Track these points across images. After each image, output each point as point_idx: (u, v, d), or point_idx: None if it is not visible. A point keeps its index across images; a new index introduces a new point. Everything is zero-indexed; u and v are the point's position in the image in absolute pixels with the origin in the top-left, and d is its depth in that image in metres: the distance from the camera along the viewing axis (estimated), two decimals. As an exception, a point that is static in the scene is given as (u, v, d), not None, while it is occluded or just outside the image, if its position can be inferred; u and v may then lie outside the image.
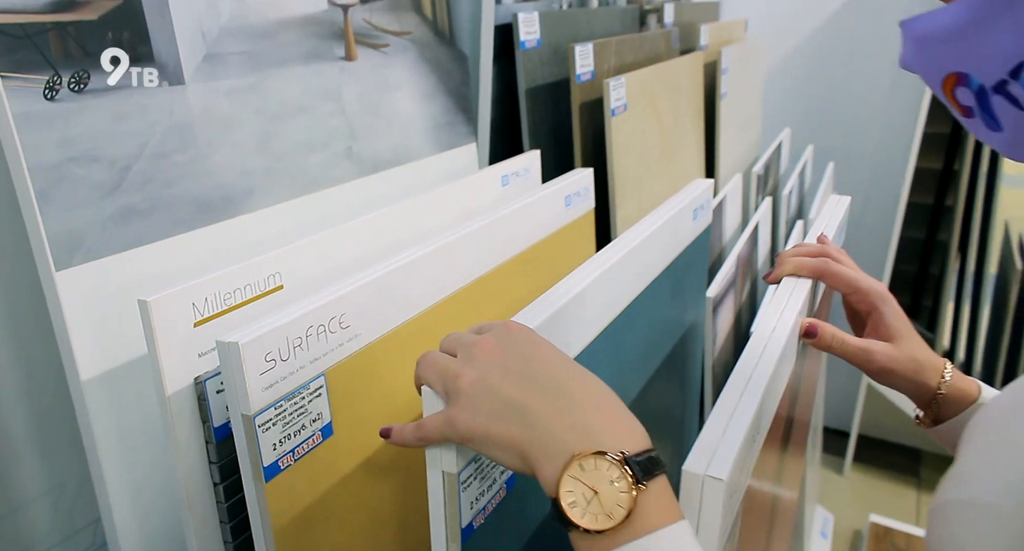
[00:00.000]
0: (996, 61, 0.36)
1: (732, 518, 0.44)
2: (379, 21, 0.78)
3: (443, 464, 0.42)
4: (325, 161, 0.72)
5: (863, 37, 2.03)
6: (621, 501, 0.36)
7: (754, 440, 0.47)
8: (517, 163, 0.90)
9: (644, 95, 1.10)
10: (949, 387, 0.60)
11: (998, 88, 0.37)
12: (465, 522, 0.44)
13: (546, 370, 0.40)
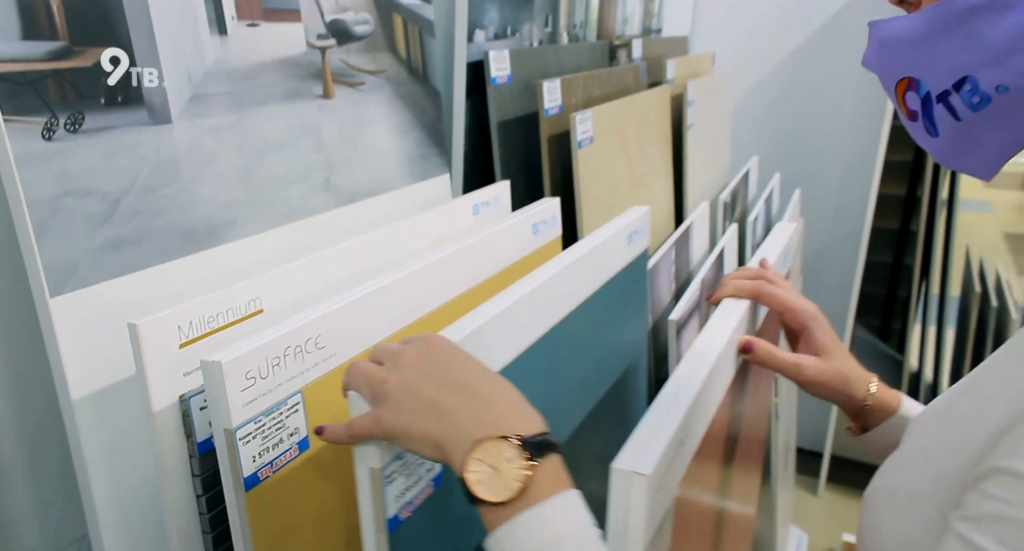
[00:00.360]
0: (943, 72, 0.41)
1: (659, 517, 0.48)
2: (355, 61, 0.83)
3: (368, 461, 0.47)
4: (304, 192, 0.77)
5: (827, 70, 2.11)
6: (517, 476, 0.41)
7: (682, 443, 0.52)
8: (488, 193, 0.95)
9: (611, 127, 1.16)
10: (874, 399, 0.66)
11: (941, 97, 0.42)
12: (391, 514, 0.48)
13: (459, 374, 0.46)
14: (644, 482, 0.45)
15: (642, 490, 0.45)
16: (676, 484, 0.52)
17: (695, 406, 0.54)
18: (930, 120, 0.43)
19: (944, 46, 0.41)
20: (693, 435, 0.55)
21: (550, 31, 1.28)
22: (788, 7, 2.11)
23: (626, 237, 0.83)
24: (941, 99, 0.42)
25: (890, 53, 0.44)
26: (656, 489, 0.46)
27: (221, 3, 0.67)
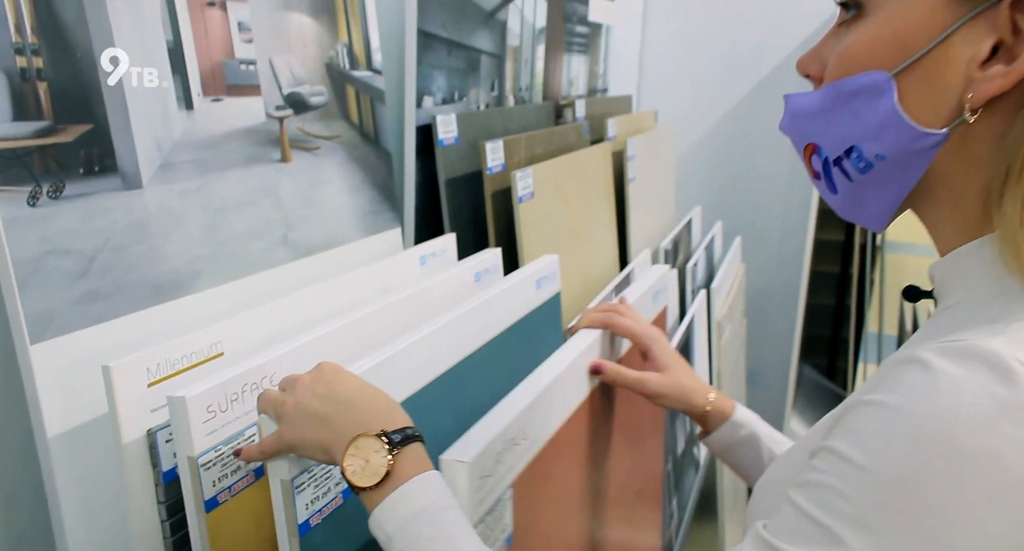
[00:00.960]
0: (836, 141, 0.49)
1: (490, 502, 0.57)
2: (311, 128, 0.92)
3: (279, 473, 0.55)
4: (264, 247, 0.84)
5: (764, 124, 2.26)
6: (382, 463, 0.51)
7: (515, 442, 0.60)
8: (435, 244, 1.03)
9: (552, 182, 1.26)
10: (712, 406, 0.77)
11: (836, 162, 0.50)
12: (301, 520, 0.56)
13: (341, 390, 0.55)
14: (465, 469, 0.55)
15: (463, 476, 0.55)
16: (511, 477, 0.61)
17: (529, 411, 0.64)
18: (830, 180, 0.51)
19: (836, 120, 0.48)
20: (531, 438, 0.64)
21: (496, 95, 1.39)
22: (726, 68, 2.27)
23: (534, 283, 0.92)
24: (836, 163, 0.49)
25: (798, 122, 0.52)
26: (479, 475, 0.55)
27: (188, 82, 0.75)
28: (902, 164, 0.46)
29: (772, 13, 2.17)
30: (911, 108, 0.45)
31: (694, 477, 1.42)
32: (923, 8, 0.43)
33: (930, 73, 0.44)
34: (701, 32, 2.27)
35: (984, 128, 0.44)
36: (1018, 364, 0.38)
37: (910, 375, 0.40)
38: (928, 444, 0.37)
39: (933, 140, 0.45)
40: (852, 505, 0.39)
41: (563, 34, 1.66)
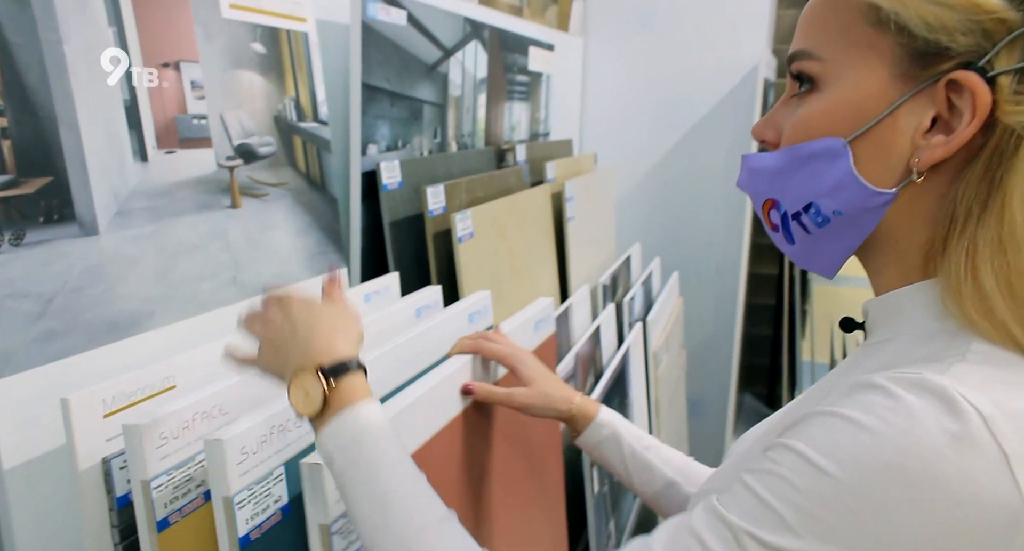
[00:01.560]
0: (796, 198, 0.54)
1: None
2: (260, 176, 0.99)
3: (222, 491, 0.61)
4: (214, 287, 0.90)
5: (697, 167, 2.39)
6: (318, 394, 0.59)
7: None
8: (378, 283, 1.10)
9: (491, 223, 1.34)
10: (577, 409, 0.85)
11: (795, 216, 0.55)
12: (242, 533, 0.61)
13: (300, 321, 0.64)
14: (320, 470, 0.62)
15: (320, 477, 0.62)
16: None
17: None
18: (788, 232, 0.55)
19: (796, 179, 0.53)
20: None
21: (439, 141, 1.48)
22: (661, 115, 2.40)
23: (467, 317, 0.99)
24: (795, 217, 0.54)
25: (757, 180, 0.56)
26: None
27: (143, 137, 0.82)
28: (856, 219, 0.51)
29: (700, 67, 2.32)
30: (865, 170, 0.50)
31: (633, 500, 1.48)
32: (874, 84, 0.49)
33: (881, 140, 0.49)
34: (638, 82, 2.40)
35: (929, 187, 0.49)
36: (963, 400, 0.42)
37: (874, 398, 0.44)
38: (886, 459, 0.42)
39: (884, 198, 0.50)
40: (805, 498, 0.44)
41: (504, 83, 1.76)
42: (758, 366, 2.89)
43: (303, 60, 1.06)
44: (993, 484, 0.41)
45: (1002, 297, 0.46)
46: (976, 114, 0.46)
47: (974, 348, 0.47)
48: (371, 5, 1.17)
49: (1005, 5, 0.45)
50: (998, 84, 0.46)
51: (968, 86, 0.46)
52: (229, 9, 0.91)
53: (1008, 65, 0.45)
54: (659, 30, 2.35)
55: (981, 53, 0.46)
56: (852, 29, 0.50)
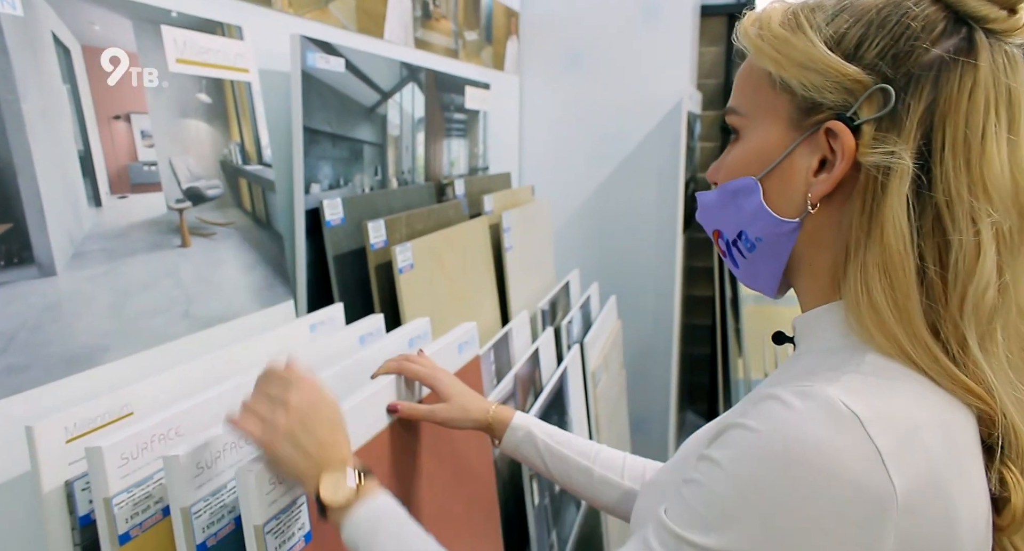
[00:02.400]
0: (730, 228, 0.66)
1: (282, 505, 0.71)
2: (208, 216, 1.05)
3: (179, 502, 0.67)
4: (166, 321, 0.96)
5: (629, 196, 2.53)
6: (350, 489, 0.68)
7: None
8: (323, 314, 1.17)
9: (430, 255, 1.42)
10: (493, 417, 0.94)
11: (733, 244, 0.66)
12: (199, 541, 0.68)
13: (320, 432, 0.71)
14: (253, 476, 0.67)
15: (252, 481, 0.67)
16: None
17: None
18: (732, 258, 0.66)
19: (728, 211, 0.64)
20: None
21: (380, 178, 1.56)
22: (595, 148, 2.53)
23: (407, 342, 1.07)
24: (734, 244, 0.65)
25: (705, 214, 0.68)
26: (268, 482, 0.69)
27: (96, 183, 0.88)
28: (774, 245, 0.61)
29: (628, 103, 2.47)
30: (772, 203, 0.60)
31: (576, 513, 1.56)
32: (774, 134, 0.60)
33: (783, 178, 0.60)
34: (572, 117, 2.53)
35: (825, 217, 0.59)
36: (843, 405, 0.49)
37: (768, 406, 0.52)
38: (776, 457, 0.49)
39: (790, 226, 0.60)
40: (716, 497, 0.51)
41: (441, 121, 1.86)
42: (699, 384, 3.02)
43: (247, 107, 1.14)
44: (868, 476, 0.48)
45: (890, 312, 0.54)
46: (845, 154, 0.56)
47: (868, 360, 0.54)
48: (310, 55, 1.26)
49: (858, 70, 0.55)
50: (862, 131, 0.55)
51: (838, 133, 0.56)
52: (176, 63, 0.99)
53: (868, 115, 0.55)
54: (589, 69, 2.49)
55: (847, 106, 0.56)
56: (760, 90, 0.61)
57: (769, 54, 0.59)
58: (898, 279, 0.54)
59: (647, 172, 2.50)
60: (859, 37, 0.56)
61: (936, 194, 0.54)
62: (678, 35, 2.40)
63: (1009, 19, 0.55)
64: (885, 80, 0.55)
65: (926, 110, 0.54)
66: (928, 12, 0.55)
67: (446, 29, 1.98)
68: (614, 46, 2.45)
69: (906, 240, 0.54)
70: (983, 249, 0.53)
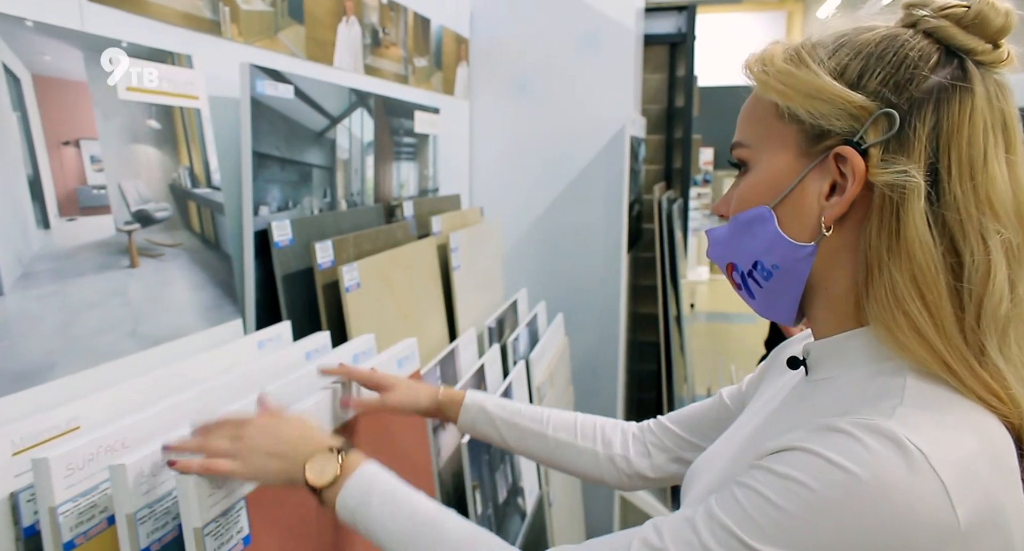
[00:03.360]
0: (745, 259, 0.66)
1: (221, 508, 0.74)
2: (156, 238, 1.09)
3: (125, 509, 0.70)
4: (113, 340, 0.99)
5: (576, 218, 2.61)
6: (334, 467, 0.74)
7: None
8: (271, 331, 1.21)
9: (377, 274, 1.47)
10: (444, 397, 1.01)
11: (748, 274, 0.66)
12: (143, 546, 0.71)
13: (287, 434, 0.77)
14: (191, 481, 0.71)
15: (191, 485, 0.71)
16: (244, 491, 0.79)
17: None
18: (748, 289, 0.67)
19: (742, 243, 0.65)
20: None
21: (329, 200, 1.61)
22: (542, 171, 2.61)
23: (352, 358, 1.12)
24: (749, 275, 0.66)
25: (717, 248, 0.69)
26: (208, 486, 0.73)
27: (45, 206, 0.91)
28: (791, 271, 0.63)
29: (574, 127, 2.56)
30: (787, 229, 0.62)
31: (520, 524, 1.61)
32: (784, 162, 0.62)
33: (796, 205, 0.62)
34: (520, 140, 2.61)
35: (841, 239, 0.61)
36: (908, 441, 0.51)
37: (840, 439, 0.52)
38: (852, 486, 0.50)
39: (807, 250, 0.62)
40: (783, 514, 0.52)
41: (391, 145, 1.91)
42: (647, 400, 3.10)
43: (196, 133, 1.18)
44: (935, 511, 0.50)
45: (929, 326, 0.56)
46: (856, 176, 0.59)
47: (910, 386, 0.56)
48: (259, 82, 1.31)
49: (863, 97, 0.59)
50: (870, 154, 0.58)
51: (848, 157, 0.59)
52: (126, 91, 1.03)
53: (875, 138, 0.58)
54: (536, 94, 2.58)
55: (854, 132, 0.59)
56: (766, 122, 0.64)
57: (775, 87, 0.62)
58: (931, 293, 0.56)
59: (593, 194, 2.58)
60: (861, 68, 0.59)
61: (947, 212, 0.56)
62: (621, 63, 2.51)
63: (994, 52, 0.59)
64: (889, 106, 0.58)
65: (931, 132, 0.57)
66: (922, 45, 0.59)
67: (396, 56, 2.04)
68: (560, 73, 2.55)
69: (933, 254, 0.56)
70: (994, 264, 0.56)
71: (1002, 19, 0.59)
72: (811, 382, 0.66)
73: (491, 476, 1.44)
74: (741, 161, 0.67)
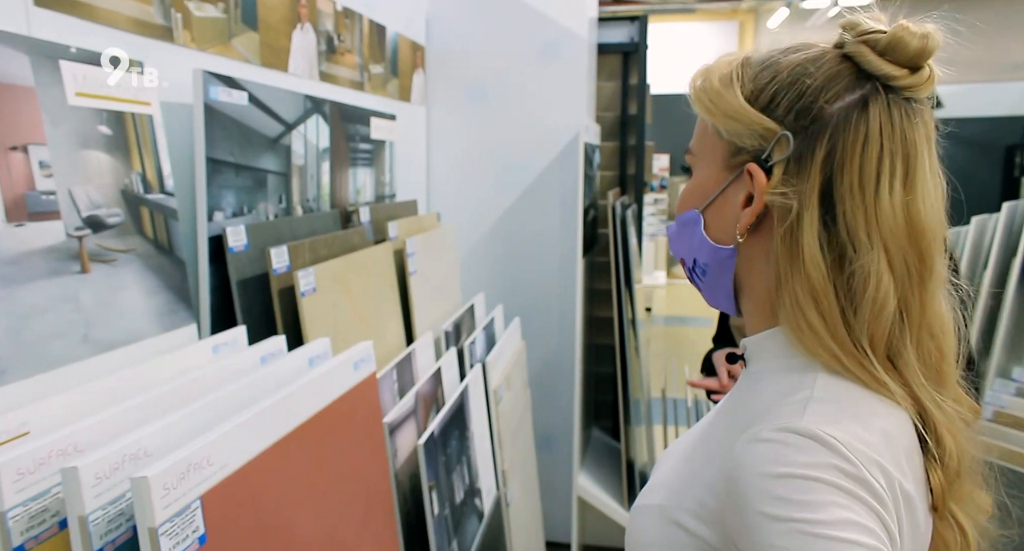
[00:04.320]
0: (688, 255, 0.74)
1: (176, 508, 0.74)
2: (108, 243, 1.09)
3: (77, 511, 0.71)
4: (65, 345, 0.99)
5: (532, 223, 2.64)
6: None
7: (199, 466, 0.78)
8: (226, 336, 1.21)
9: (333, 279, 1.48)
10: None
11: (692, 269, 0.75)
12: (96, 547, 0.72)
13: None
14: (146, 482, 0.71)
15: (146, 488, 0.70)
16: (200, 491, 0.78)
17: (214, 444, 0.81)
18: (695, 281, 0.74)
19: (683, 240, 0.73)
20: (218, 464, 0.81)
21: (284, 206, 1.61)
22: (500, 174, 2.64)
23: (307, 361, 1.13)
24: (693, 270, 0.73)
25: (672, 244, 0.76)
26: (162, 488, 0.72)
27: (-5, 211, 0.91)
28: (717, 269, 0.70)
29: (530, 134, 2.60)
30: (712, 233, 0.69)
31: (478, 524, 1.63)
32: (713, 172, 0.68)
33: (719, 211, 0.68)
34: (477, 147, 2.64)
35: (755, 246, 0.66)
36: (825, 435, 0.55)
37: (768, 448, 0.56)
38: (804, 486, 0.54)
39: (725, 253, 0.68)
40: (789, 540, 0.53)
41: (346, 151, 1.92)
42: (604, 402, 3.14)
43: (148, 139, 1.18)
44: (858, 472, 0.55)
45: (825, 331, 0.61)
46: (758, 192, 0.64)
47: (819, 383, 0.61)
48: (212, 88, 1.31)
49: (770, 120, 0.63)
50: (774, 172, 0.63)
51: (752, 173, 0.64)
52: (75, 97, 1.03)
53: (778, 157, 0.63)
54: (492, 101, 2.61)
55: (763, 150, 0.64)
56: (706, 134, 0.70)
57: (704, 104, 0.67)
58: (823, 304, 0.62)
59: (549, 200, 2.62)
60: (773, 93, 0.64)
61: (840, 232, 0.61)
62: (575, 71, 2.55)
63: (912, 76, 0.62)
64: (792, 130, 0.63)
65: (825, 158, 0.61)
66: (835, 70, 0.63)
67: (351, 63, 2.06)
68: (516, 80, 2.58)
69: (823, 271, 0.61)
70: (878, 276, 0.60)
71: (918, 43, 0.61)
72: (748, 374, 0.71)
73: (448, 477, 1.46)
74: (691, 165, 0.73)
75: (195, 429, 0.87)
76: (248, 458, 0.87)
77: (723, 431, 0.67)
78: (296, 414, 0.99)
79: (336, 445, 1.06)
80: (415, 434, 1.43)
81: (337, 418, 1.08)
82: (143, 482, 0.70)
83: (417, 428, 1.45)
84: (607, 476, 2.65)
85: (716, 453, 0.64)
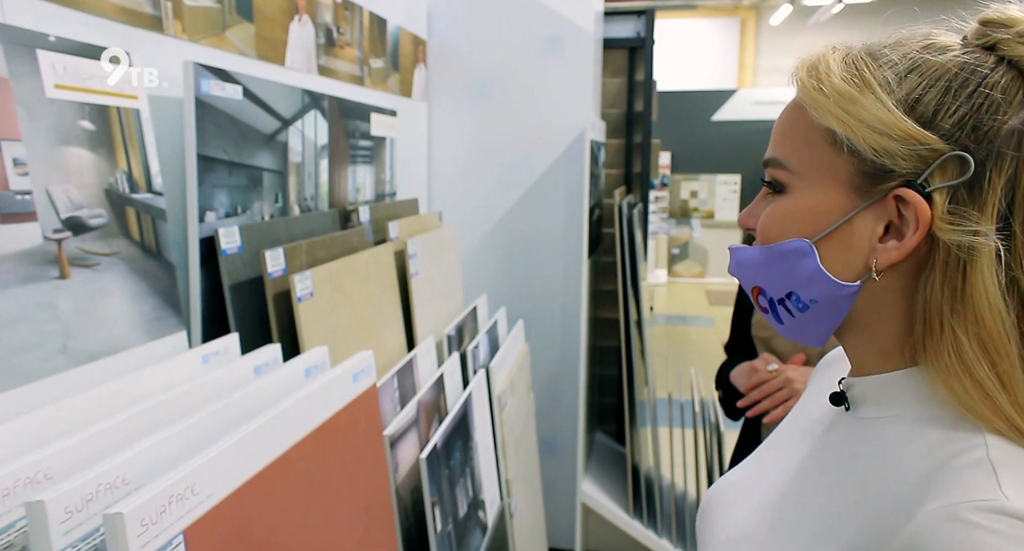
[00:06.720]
0: (778, 287, 0.60)
1: (157, 545, 0.67)
2: (90, 247, 1.02)
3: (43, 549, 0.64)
4: (40, 357, 0.92)
5: (535, 223, 2.57)
6: None
7: (182, 497, 0.72)
8: (217, 344, 1.14)
9: (331, 282, 1.41)
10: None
11: (780, 302, 0.61)
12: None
13: None
14: (121, 519, 0.63)
15: (120, 525, 0.63)
16: (183, 525, 0.71)
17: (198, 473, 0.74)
18: (776, 314, 0.62)
19: (775, 272, 0.60)
20: (203, 493, 0.74)
21: (281, 206, 1.54)
22: (504, 173, 2.57)
23: (303, 371, 1.06)
24: (780, 303, 0.61)
25: (743, 270, 0.64)
26: (139, 524, 0.65)
27: (-36, 213, 0.84)
28: (830, 306, 0.59)
29: (534, 132, 2.53)
30: (831, 267, 0.57)
31: (481, 538, 1.56)
32: (832, 195, 0.56)
33: (842, 242, 0.57)
34: (480, 144, 2.57)
35: (892, 282, 0.56)
36: None
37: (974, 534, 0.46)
38: None
39: (850, 290, 0.57)
40: None
41: (345, 148, 1.85)
42: (608, 405, 3.07)
43: (134, 135, 1.11)
44: None
45: (999, 391, 0.51)
46: (919, 225, 0.53)
47: (991, 442, 0.51)
48: (204, 82, 1.24)
49: (934, 137, 0.53)
50: (934, 201, 0.53)
51: (911, 201, 0.53)
52: (54, 89, 0.96)
53: (941, 182, 0.53)
54: (496, 97, 2.54)
55: (919, 173, 0.53)
56: (814, 146, 0.57)
57: (834, 112, 0.55)
58: (1003, 362, 0.52)
59: (553, 198, 2.55)
60: (936, 103, 0.53)
61: (1021, 274, 0.52)
62: (580, 67, 2.48)
63: None
64: (964, 149, 0.52)
65: (1007, 183, 0.52)
66: (1006, 80, 0.53)
67: (351, 56, 1.98)
68: (519, 76, 2.51)
69: (1005, 321, 0.52)
70: None
71: None
72: (856, 420, 0.62)
73: (451, 491, 1.39)
74: (777, 182, 0.61)
75: (180, 452, 0.80)
76: (237, 485, 0.80)
77: (837, 482, 0.58)
78: (291, 433, 0.92)
79: (333, 463, 0.99)
80: (417, 446, 1.36)
81: (335, 435, 1.02)
82: (117, 519, 0.63)
83: (419, 439, 1.38)
84: (611, 481, 2.58)
85: (842, 511, 0.56)
